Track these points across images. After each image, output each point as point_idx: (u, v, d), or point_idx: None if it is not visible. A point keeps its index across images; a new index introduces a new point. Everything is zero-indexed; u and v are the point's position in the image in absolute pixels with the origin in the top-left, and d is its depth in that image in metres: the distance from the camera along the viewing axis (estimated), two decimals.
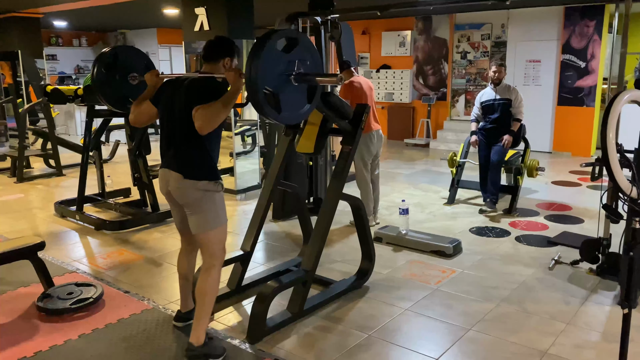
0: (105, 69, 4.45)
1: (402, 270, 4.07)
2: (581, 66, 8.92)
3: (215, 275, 2.77)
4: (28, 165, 8.04)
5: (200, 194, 2.67)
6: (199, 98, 2.55)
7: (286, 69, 2.67)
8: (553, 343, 2.97)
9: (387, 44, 11.11)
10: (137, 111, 2.89)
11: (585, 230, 4.89)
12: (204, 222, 2.71)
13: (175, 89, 2.75)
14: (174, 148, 2.72)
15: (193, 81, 2.71)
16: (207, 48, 2.81)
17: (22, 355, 2.84)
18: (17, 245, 3.45)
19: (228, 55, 2.78)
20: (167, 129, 2.77)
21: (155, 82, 2.94)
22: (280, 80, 2.65)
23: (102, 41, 15.17)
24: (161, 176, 2.79)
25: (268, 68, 2.56)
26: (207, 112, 2.50)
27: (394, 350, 2.92)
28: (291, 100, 2.73)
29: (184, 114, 2.61)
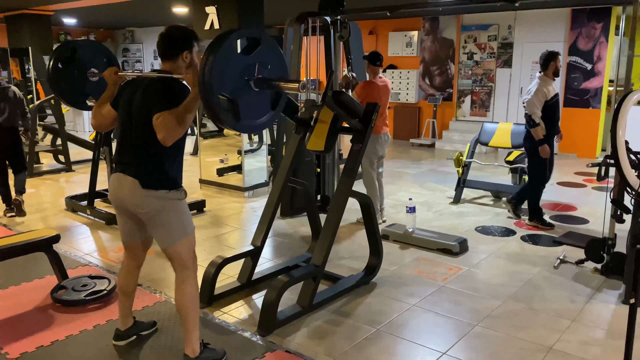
0: (62, 64, 4.16)
1: (409, 267, 4.13)
2: (587, 68, 8.95)
3: (191, 287, 2.61)
4: (38, 161, 8.12)
5: (161, 204, 2.48)
6: (159, 103, 2.35)
7: (246, 72, 2.43)
8: (559, 339, 3.03)
9: (394, 44, 11.16)
10: (98, 115, 2.72)
11: (590, 231, 4.94)
12: (168, 234, 2.54)
13: (133, 91, 2.55)
14: (132, 154, 2.52)
15: (151, 82, 2.50)
16: (161, 43, 2.56)
17: (39, 344, 2.92)
18: (33, 238, 3.52)
19: (186, 49, 2.54)
20: (124, 133, 2.58)
21: (115, 80, 2.77)
22: (239, 85, 2.42)
23: (110, 38, 15.28)
24: (114, 182, 2.57)
25: (224, 71, 2.33)
26: (169, 122, 2.30)
27: (402, 344, 2.98)
28: (252, 107, 2.50)
29: (142, 119, 2.43)
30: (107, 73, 2.81)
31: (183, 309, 2.61)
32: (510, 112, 9.89)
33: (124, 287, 2.84)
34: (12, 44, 10.31)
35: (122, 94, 2.65)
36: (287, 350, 2.87)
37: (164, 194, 2.49)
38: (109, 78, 2.79)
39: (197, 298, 2.67)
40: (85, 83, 4.06)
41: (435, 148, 10.26)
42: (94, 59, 4.21)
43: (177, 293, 2.63)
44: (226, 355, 2.77)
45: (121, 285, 2.85)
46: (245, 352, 2.85)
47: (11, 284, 3.72)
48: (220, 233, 5.01)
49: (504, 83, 9.94)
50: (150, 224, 2.56)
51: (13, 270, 3.90)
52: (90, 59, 4.18)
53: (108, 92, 2.77)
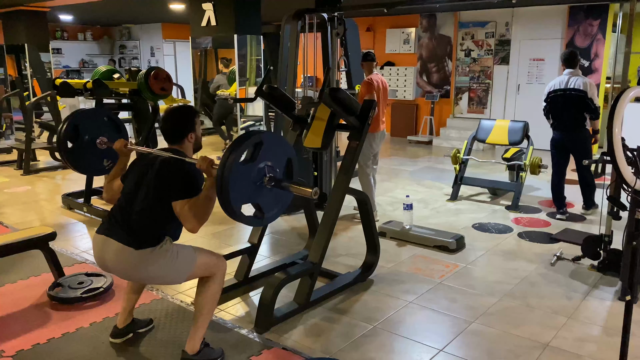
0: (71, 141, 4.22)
1: (406, 264, 4.13)
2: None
3: (214, 287, 2.65)
4: (34, 158, 8.10)
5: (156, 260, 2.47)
6: (179, 190, 2.43)
7: (257, 177, 2.48)
8: (555, 336, 3.03)
9: (392, 41, 11.14)
10: (110, 190, 2.77)
11: (586, 228, 4.95)
12: (173, 280, 2.63)
13: (145, 166, 2.59)
14: (129, 224, 2.50)
15: (166, 164, 2.53)
16: (166, 129, 2.64)
17: (35, 342, 2.91)
18: (29, 235, 3.51)
19: (191, 130, 2.64)
20: (125, 202, 2.57)
21: (126, 152, 2.85)
22: (255, 190, 2.48)
23: (107, 35, 15.23)
24: (99, 245, 2.53)
25: (239, 185, 2.38)
26: (196, 213, 2.38)
27: (399, 341, 2.99)
28: (271, 199, 2.58)
29: (152, 197, 2.48)
30: (117, 146, 2.88)
31: (200, 304, 2.64)
32: (507, 109, 9.90)
33: (134, 284, 2.86)
34: (8, 40, 10.27)
35: (132, 170, 2.69)
36: (284, 348, 2.87)
37: (151, 251, 2.47)
38: (120, 150, 2.86)
39: (217, 298, 2.69)
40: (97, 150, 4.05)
41: (433, 145, 10.26)
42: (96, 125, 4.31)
43: (200, 288, 2.66)
44: (223, 356, 2.77)
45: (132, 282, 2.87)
46: (242, 350, 2.85)
47: (7, 282, 3.71)
48: (217, 230, 5.00)
49: (502, 80, 9.94)
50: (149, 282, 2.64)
51: (9, 268, 3.88)
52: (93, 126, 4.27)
53: (120, 165, 2.83)
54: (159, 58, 14.18)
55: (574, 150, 5.26)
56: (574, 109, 5.11)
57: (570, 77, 5.16)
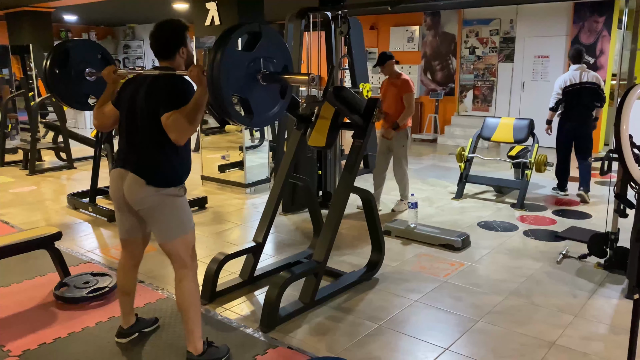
0: (58, 67, 4.07)
1: (411, 263, 4.12)
2: (590, 62, 8.91)
3: (190, 286, 2.60)
4: (39, 158, 8.13)
5: (160, 199, 2.48)
6: (167, 103, 2.35)
7: (252, 69, 2.40)
8: (561, 335, 3.02)
9: (395, 39, 11.13)
10: (100, 115, 2.70)
11: (593, 225, 4.93)
12: (167, 229, 2.54)
13: (136, 89, 2.53)
14: (137, 152, 2.51)
15: (155, 80, 2.47)
16: (155, 43, 2.54)
17: (41, 341, 2.92)
18: (35, 235, 3.52)
19: (182, 45, 2.53)
20: (127, 132, 2.56)
21: (114, 79, 2.75)
22: (247, 82, 2.40)
23: (111, 35, 15.27)
24: (115, 177, 2.55)
25: (231, 71, 2.31)
26: (181, 122, 2.31)
27: (404, 340, 2.98)
28: (263, 101, 2.50)
29: (148, 117, 2.43)
30: (105, 72, 2.78)
31: (183, 306, 2.60)
32: (512, 106, 9.87)
33: (123, 286, 2.83)
34: (13, 41, 10.30)
35: (123, 93, 2.62)
36: (289, 347, 2.87)
37: (164, 190, 2.48)
38: (108, 77, 2.76)
39: (197, 296, 2.66)
40: (84, 83, 4.00)
41: (437, 143, 10.24)
42: (89, 58, 4.13)
43: (177, 291, 2.62)
44: (230, 353, 2.77)
45: (121, 285, 2.84)
46: (247, 349, 2.85)
47: (13, 282, 3.72)
48: (222, 230, 5.01)
49: (506, 78, 9.91)
50: (149, 219, 2.56)
51: (15, 268, 3.90)
52: (85, 58, 4.10)
53: (108, 92, 2.74)
54: None
55: (582, 137, 5.83)
56: (587, 100, 5.71)
57: (582, 72, 5.75)
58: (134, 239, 2.75)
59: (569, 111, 5.78)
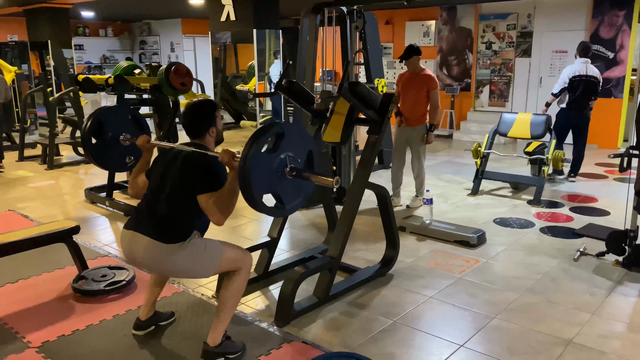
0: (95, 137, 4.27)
1: (425, 259, 4.11)
2: (609, 57, 8.76)
3: (239, 281, 2.67)
4: (58, 153, 8.24)
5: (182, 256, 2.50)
6: (203, 184, 2.46)
7: (279, 167, 2.51)
8: (578, 333, 2.99)
9: (411, 34, 11.04)
10: (135, 185, 2.82)
11: (611, 223, 4.86)
12: (205, 272, 2.64)
13: (169, 163, 2.62)
14: (155, 218, 2.55)
15: (189, 158, 2.56)
16: (188, 123, 2.66)
17: (60, 333, 2.97)
18: (54, 229, 3.57)
19: (212, 125, 2.66)
20: (151, 200, 2.62)
21: (148, 147, 2.89)
22: (276, 180, 2.51)
23: (127, 31, 15.39)
24: (127, 240, 2.58)
25: (261, 174, 2.41)
26: (221, 206, 2.41)
27: (419, 336, 2.98)
28: (292, 190, 2.60)
29: (180, 191, 2.52)
30: (139, 142, 2.92)
31: (225, 297, 2.66)
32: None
33: (157, 277, 2.91)
34: (32, 37, 10.44)
35: (155, 165, 2.73)
36: (303, 341, 2.88)
37: (179, 246, 2.50)
38: (143, 147, 2.90)
39: (241, 292, 2.72)
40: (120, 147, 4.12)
41: (453, 139, 10.16)
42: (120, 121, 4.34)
43: (226, 282, 2.69)
44: (244, 350, 2.79)
45: (155, 275, 2.92)
46: (262, 343, 2.87)
47: (32, 274, 3.79)
48: (237, 224, 5.04)
49: (523, 73, 9.79)
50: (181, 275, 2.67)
51: (34, 261, 3.96)
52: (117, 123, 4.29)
53: (143, 161, 2.87)
54: (179, 53, 14.29)
55: (581, 125, 6.41)
56: (589, 92, 6.23)
57: (588, 65, 6.26)
58: None
59: (572, 100, 6.27)
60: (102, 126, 4.26)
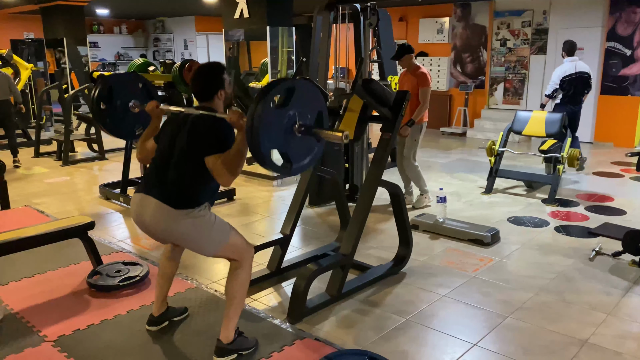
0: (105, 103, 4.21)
1: (439, 257, 4.09)
2: (627, 54, 8.64)
3: (243, 275, 2.66)
4: (73, 149, 8.32)
5: (190, 222, 2.50)
6: (210, 146, 2.44)
7: (288, 123, 2.46)
8: (593, 333, 2.95)
9: (425, 31, 10.98)
10: (143, 149, 2.79)
11: (627, 222, 4.79)
12: (206, 247, 2.59)
13: (177, 127, 2.61)
14: (165, 182, 2.54)
15: (198, 121, 2.54)
16: (196, 86, 2.63)
17: (76, 327, 3.01)
18: (69, 225, 3.61)
19: (220, 87, 2.62)
20: (159, 165, 2.60)
21: (157, 113, 2.85)
22: (285, 136, 2.45)
23: (141, 29, 15.49)
24: (137, 203, 2.58)
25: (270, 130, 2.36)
26: (228, 167, 2.39)
27: (432, 335, 2.96)
28: (300, 149, 2.55)
29: (188, 155, 2.50)
30: (149, 107, 2.88)
31: (231, 293, 2.65)
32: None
33: (165, 269, 2.91)
34: (48, 35, 10.54)
35: (164, 130, 2.71)
36: (316, 338, 2.88)
37: (191, 212, 2.50)
38: (152, 112, 2.86)
39: (246, 287, 2.70)
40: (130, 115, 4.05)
41: (467, 137, 10.10)
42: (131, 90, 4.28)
43: (229, 277, 2.67)
44: (257, 345, 2.79)
45: (162, 267, 2.92)
46: (275, 339, 2.87)
47: (48, 269, 3.83)
48: (250, 221, 5.05)
49: (538, 70, 9.68)
50: (184, 243, 2.63)
51: (50, 256, 4.01)
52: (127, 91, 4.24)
53: (152, 126, 2.84)
54: (192, 51, 14.35)
55: (574, 117, 6.62)
56: (581, 88, 6.66)
57: (577, 63, 6.68)
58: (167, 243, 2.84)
59: (566, 97, 6.72)
60: (112, 92, 4.18)
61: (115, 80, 4.27)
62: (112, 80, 4.24)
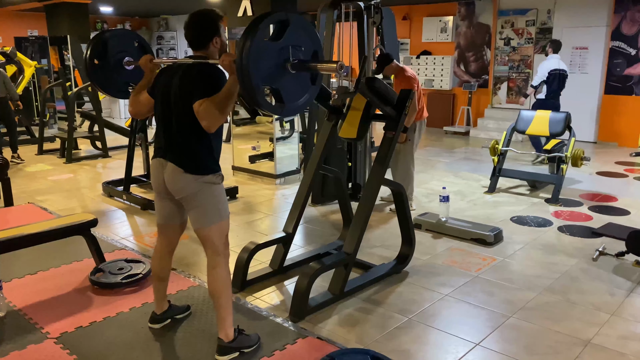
0: (98, 59, 4.16)
1: (442, 257, 4.08)
2: (631, 53, 8.60)
3: (222, 273, 2.63)
4: (76, 147, 8.34)
5: (199, 186, 2.53)
6: (200, 90, 2.39)
7: (281, 58, 2.37)
8: (597, 333, 2.94)
9: (428, 29, 10.96)
10: (136, 103, 2.76)
11: (631, 222, 4.78)
12: (203, 216, 2.58)
13: (170, 77, 2.57)
14: (172, 140, 2.56)
15: (189, 69, 2.50)
16: (190, 33, 2.56)
17: (78, 324, 3.01)
18: (72, 222, 3.62)
19: (215, 34, 2.55)
20: (163, 120, 2.61)
21: (151, 67, 2.80)
22: (277, 72, 2.38)
23: (145, 26, 15.49)
24: (155, 166, 2.64)
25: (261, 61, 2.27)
26: (212, 109, 2.33)
27: (434, 334, 2.95)
28: (293, 89, 2.48)
29: (182, 105, 2.47)
30: (142, 61, 2.85)
31: (215, 293, 2.64)
32: None
33: (158, 272, 2.88)
34: (52, 32, 10.55)
35: (158, 81, 2.67)
36: (318, 337, 2.88)
37: (202, 178, 2.53)
38: (145, 66, 2.83)
39: (229, 283, 2.68)
40: (123, 72, 4.07)
41: (470, 136, 10.07)
42: (126, 47, 4.22)
43: (209, 278, 2.65)
44: (260, 341, 2.79)
45: (155, 270, 2.89)
46: (277, 338, 2.87)
47: (51, 266, 3.84)
48: (253, 219, 5.05)
49: None
50: (188, 205, 2.61)
51: (53, 253, 4.02)
52: (123, 47, 4.19)
53: (145, 80, 2.80)
54: None
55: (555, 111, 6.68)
56: (562, 84, 7.24)
57: (560, 61, 7.23)
58: (171, 225, 2.79)
59: (550, 91, 7.22)
60: (106, 47, 4.13)
61: (110, 36, 4.19)
62: (107, 36, 4.17)
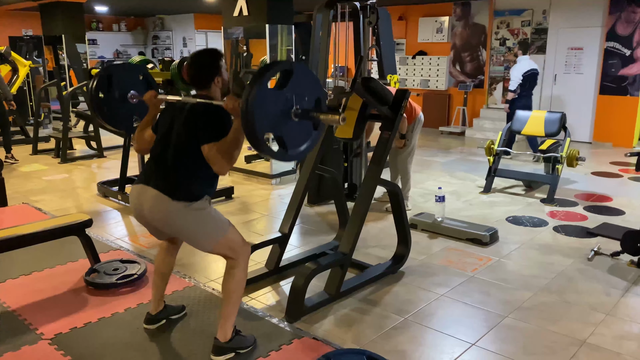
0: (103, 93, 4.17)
1: (438, 257, 4.08)
2: (626, 54, 8.64)
3: (239, 274, 2.63)
4: (71, 147, 8.29)
5: (188, 214, 2.47)
6: (207, 133, 2.42)
7: (285, 107, 2.41)
8: (593, 333, 2.95)
9: (424, 30, 10.97)
10: (141, 139, 2.76)
11: (626, 222, 4.79)
12: (203, 241, 2.56)
13: (174, 115, 2.59)
14: (164, 172, 2.52)
15: (194, 108, 2.53)
16: (192, 73, 2.61)
17: (73, 325, 2.99)
18: (67, 222, 3.60)
19: (217, 75, 2.59)
20: (158, 154, 2.59)
21: (155, 102, 2.79)
22: (280, 120, 2.40)
23: (140, 26, 15.44)
24: (136, 194, 2.57)
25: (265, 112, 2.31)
26: (224, 155, 2.37)
27: (430, 334, 2.95)
28: (296, 135, 2.50)
29: (184, 143, 2.49)
30: (147, 97, 2.84)
31: (228, 292, 2.63)
32: (543, 99, 9.64)
33: (161, 267, 2.89)
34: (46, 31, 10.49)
35: (162, 118, 2.69)
36: (314, 337, 2.87)
37: (190, 205, 2.48)
38: (149, 101, 2.82)
39: (243, 285, 2.68)
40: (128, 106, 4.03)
41: (466, 136, 10.09)
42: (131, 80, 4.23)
43: (226, 275, 2.65)
44: (255, 343, 2.78)
45: (158, 265, 2.90)
46: (273, 338, 2.86)
47: (46, 267, 3.82)
48: (248, 220, 5.04)
49: None
50: (180, 236, 2.60)
51: (48, 253, 3.99)
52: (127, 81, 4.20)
53: (150, 116, 2.79)
54: (192, 48, 14.30)
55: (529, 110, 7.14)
56: (535, 82, 7.65)
57: (530, 61, 7.58)
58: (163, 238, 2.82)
59: (524, 91, 7.54)
60: (111, 81, 4.13)
61: (115, 70, 4.22)
62: (112, 70, 4.20)
